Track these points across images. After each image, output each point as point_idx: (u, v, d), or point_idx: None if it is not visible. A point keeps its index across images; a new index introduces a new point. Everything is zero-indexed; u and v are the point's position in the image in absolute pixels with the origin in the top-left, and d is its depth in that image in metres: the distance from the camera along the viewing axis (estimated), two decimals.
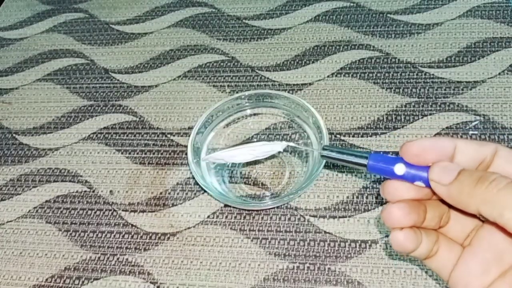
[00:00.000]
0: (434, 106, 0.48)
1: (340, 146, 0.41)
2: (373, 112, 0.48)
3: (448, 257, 0.27)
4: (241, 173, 0.46)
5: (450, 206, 0.28)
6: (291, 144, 0.38)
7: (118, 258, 0.43)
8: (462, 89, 0.49)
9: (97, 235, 0.44)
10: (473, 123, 0.46)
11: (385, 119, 0.48)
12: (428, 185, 0.26)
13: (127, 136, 0.51)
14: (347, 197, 0.43)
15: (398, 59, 0.52)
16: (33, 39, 0.62)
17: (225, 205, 0.44)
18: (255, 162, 0.46)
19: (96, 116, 0.53)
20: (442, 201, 0.28)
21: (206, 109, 0.47)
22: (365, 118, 0.48)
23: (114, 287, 0.41)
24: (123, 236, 0.44)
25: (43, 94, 0.56)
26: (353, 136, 0.47)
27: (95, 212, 0.46)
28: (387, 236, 0.41)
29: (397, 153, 0.33)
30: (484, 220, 0.27)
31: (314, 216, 0.43)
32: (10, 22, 0.65)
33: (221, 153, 0.39)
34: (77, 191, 0.47)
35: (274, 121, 0.48)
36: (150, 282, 0.41)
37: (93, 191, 0.47)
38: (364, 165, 0.28)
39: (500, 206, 0.22)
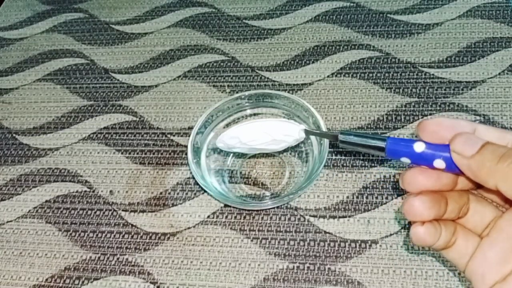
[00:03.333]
0: (434, 106, 0.48)
1: (357, 131, 0.41)
2: (373, 112, 0.48)
3: (465, 247, 0.27)
4: (241, 173, 0.46)
5: (471, 181, 0.27)
6: (308, 128, 0.38)
7: (118, 258, 0.43)
8: (462, 89, 0.49)
9: (97, 235, 0.44)
10: None
11: (385, 119, 0.48)
12: (448, 167, 0.25)
13: (127, 136, 0.51)
14: (347, 197, 0.43)
15: (398, 59, 0.52)
16: (33, 39, 0.62)
17: (225, 205, 0.44)
18: (255, 162, 0.46)
19: (96, 116, 0.53)
20: (466, 189, 0.27)
21: (206, 109, 0.47)
22: (365, 118, 0.48)
23: (114, 287, 0.41)
24: (123, 236, 0.44)
25: (43, 94, 0.56)
26: None
27: (95, 212, 0.46)
28: (387, 236, 0.41)
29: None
30: (503, 210, 0.27)
31: (314, 216, 0.43)
32: (10, 22, 0.65)
33: (236, 143, 0.39)
34: (77, 191, 0.47)
35: None
36: (150, 282, 0.41)
37: (93, 191, 0.47)
38: (382, 149, 0.28)
39: None
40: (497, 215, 0.27)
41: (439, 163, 0.26)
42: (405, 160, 0.27)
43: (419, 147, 0.26)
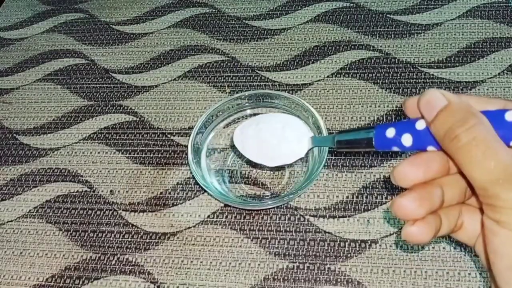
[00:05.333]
0: None
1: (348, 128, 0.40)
2: (373, 112, 0.48)
3: (473, 228, 0.26)
4: (241, 173, 0.46)
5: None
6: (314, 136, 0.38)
7: (118, 258, 0.43)
8: (462, 89, 0.49)
9: (97, 235, 0.44)
10: None
11: (385, 119, 0.48)
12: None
13: (127, 136, 0.51)
14: (347, 197, 0.43)
15: (398, 59, 0.52)
16: (33, 39, 0.62)
17: (225, 205, 0.44)
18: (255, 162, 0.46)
19: (96, 116, 0.53)
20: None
21: (206, 109, 0.47)
22: (365, 118, 0.48)
23: (114, 287, 0.41)
24: (123, 236, 0.44)
25: (43, 94, 0.56)
26: None
27: (95, 212, 0.46)
28: (386, 236, 0.41)
29: None
30: None
31: (314, 216, 0.43)
32: (10, 22, 0.65)
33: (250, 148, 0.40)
34: (77, 191, 0.47)
35: None
36: (150, 282, 0.41)
37: (94, 191, 0.47)
38: (372, 129, 0.28)
39: (459, 160, 0.23)
40: None
41: (420, 124, 0.26)
42: (391, 131, 0.27)
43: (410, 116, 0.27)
